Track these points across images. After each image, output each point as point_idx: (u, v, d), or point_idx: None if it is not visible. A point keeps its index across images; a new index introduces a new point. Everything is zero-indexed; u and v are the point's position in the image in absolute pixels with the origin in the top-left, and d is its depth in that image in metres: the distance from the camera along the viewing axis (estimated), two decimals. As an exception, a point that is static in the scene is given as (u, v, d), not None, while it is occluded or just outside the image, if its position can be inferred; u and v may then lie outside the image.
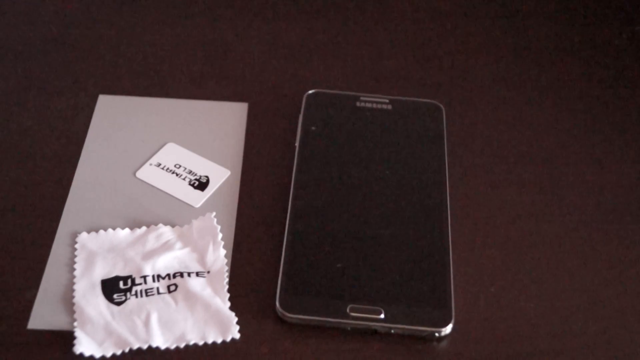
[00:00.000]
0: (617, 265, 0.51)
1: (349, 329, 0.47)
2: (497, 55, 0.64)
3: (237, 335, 0.46)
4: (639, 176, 0.56)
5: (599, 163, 0.57)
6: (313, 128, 0.56)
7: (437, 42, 0.65)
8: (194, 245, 0.50)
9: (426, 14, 0.67)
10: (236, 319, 0.47)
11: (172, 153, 0.55)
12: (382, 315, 0.47)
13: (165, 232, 0.50)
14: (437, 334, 0.47)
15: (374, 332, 0.47)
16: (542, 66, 0.63)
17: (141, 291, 0.47)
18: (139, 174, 0.54)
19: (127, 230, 0.51)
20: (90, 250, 0.49)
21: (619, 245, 0.52)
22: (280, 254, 0.49)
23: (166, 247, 0.50)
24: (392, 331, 0.47)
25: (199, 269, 0.49)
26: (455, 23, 0.67)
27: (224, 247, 0.50)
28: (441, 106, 0.58)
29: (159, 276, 0.48)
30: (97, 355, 0.45)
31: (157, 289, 0.48)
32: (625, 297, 0.49)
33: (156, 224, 0.51)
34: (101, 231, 0.50)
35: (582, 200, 0.54)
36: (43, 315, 0.47)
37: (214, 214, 0.51)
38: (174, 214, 0.52)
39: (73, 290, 0.47)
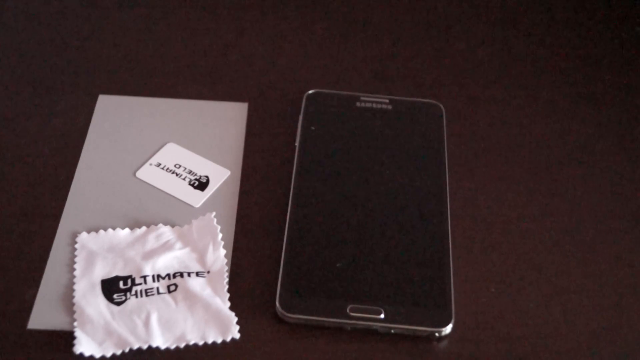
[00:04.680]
0: (617, 265, 0.51)
1: (349, 329, 0.47)
2: (497, 56, 0.64)
3: (237, 335, 0.46)
4: None
5: (600, 163, 0.57)
6: (313, 128, 0.56)
7: (437, 42, 0.65)
8: (193, 245, 0.50)
9: (426, 14, 0.67)
10: (236, 319, 0.47)
11: (172, 153, 0.55)
12: (382, 315, 0.47)
13: (165, 232, 0.50)
14: (437, 334, 0.47)
15: (374, 332, 0.47)
16: (542, 66, 0.63)
17: (141, 291, 0.47)
18: (139, 174, 0.54)
19: (127, 230, 0.51)
20: (90, 250, 0.49)
21: (619, 245, 0.52)
22: (280, 254, 0.49)
23: (166, 247, 0.50)
24: (392, 331, 0.47)
25: (199, 269, 0.49)
26: (456, 23, 0.67)
27: (224, 247, 0.50)
28: (441, 106, 0.58)
29: (158, 276, 0.48)
30: (97, 355, 0.45)
31: (157, 289, 0.48)
32: (625, 296, 0.49)
33: (156, 224, 0.51)
34: (101, 231, 0.50)
35: (582, 200, 0.54)
36: (43, 315, 0.47)
37: (214, 214, 0.51)
38: (174, 214, 0.52)
39: (73, 290, 0.47)
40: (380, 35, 0.65)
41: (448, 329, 0.47)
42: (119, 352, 0.45)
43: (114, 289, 0.48)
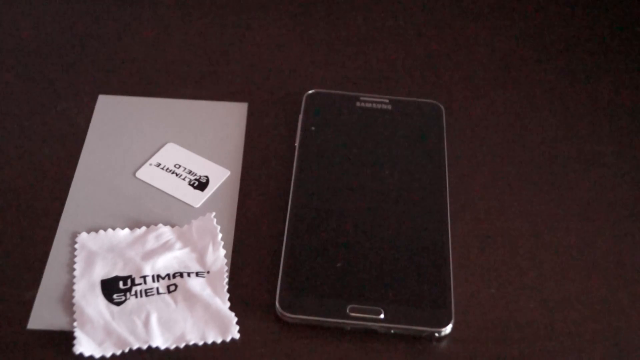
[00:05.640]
0: (617, 265, 0.51)
1: (348, 329, 0.47)
2: (497, 55, 0.64)
3: (237, 336, 0.46)
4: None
5: (600, 163, 0.57)
6: (313, 128, 0.56)
7: (437, 42, 0.65)
8: (193, 246, 0.50)
9: (426, 13, 0.67)
10: (236, 319, 0.47)
11: (171, 153, 0.55)
12: (382, 316, 0.47)
13: (165, 232, 0.50)
14: (437, 334, 0.47)
15: (374, 332, 0.47)
16: (542, 66, 0.63)
17: (141, 291, 0.47)
18: (139, 174, 0.54)
19: (126, 230, 0.51)
20: (90, 250, 0.49)
21: (619, 245, 0.52)
22: (280, 254, 0.49)
23: (166, 247, 0.50)
24: (392, 331, 0.47)
25: (198, 269, 0.49)
26: (456, 23, 0.67)
27: (224, 247, 0.50)
28: (441, 106, 0.58)
29: (158, 276, 0.48)
30: (97, 355, 0.45)
31: (157, 289, 0.48)
32: (625, 296, 0.49)
33: (156, 224, 0.51)
34: (101, 231, 0.50)
35: (583, 200, 0.54)
36: (43, 316, 0.47)
37: (214, 214, 0.51)
38: (174, 214, 0.52)
39: (73, 291, 0.47)
40: (380, 35, 0.65)
41: (448, 329, 0.47)
42: (118, 352, 0.45)
43: (114, 289, 0.48)
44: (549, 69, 0.63)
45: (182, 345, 0.46)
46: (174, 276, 0.48)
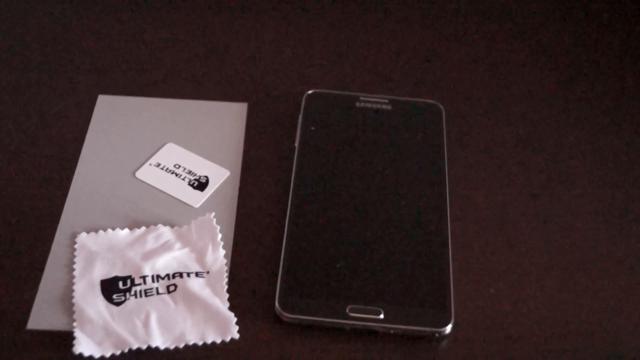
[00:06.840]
0: (617, 265, 0.51)
1: (348, 329, 0.47)
2: (497, 56, 0.64)
3: (237, 336, 0.46)
4: (640, 176, 0.56)
5: (600, 163, 0.57)
6: (313, 128, 0.56)
7: (437, 42, 0.65)
8: (193, 246, 0.50)
9: (426, 14, 0.67)
10: (235, 320, 0.47)
11: (171, 153, 0.55)
12: (382, 316, 0.47)
13: (165, 232, 0.50)
14: (437, 334, 0.47)
15: (374, 332, 0.47)
16: (542, 66, 0.63)
17: (140, 291, 0.47)
18: (139, 174, 0.54)
19: (126, 230, 0.51)
20: (90, 250, 0.49)
21: (619, 245, 0.52)
22: (280, 254, 0.49)
23: (165, 247, 0.50)
24: (392, 331, 0.47)
25: (198, 269, 0.49)
26: (456, 23, 0.67)
27: (224, 247, 0.50)
28: (441, 106, 0.58)
29: (158, 276, 0.48)
30: (97, 355, 0.45)
31: (157, 289, 0.48)
32: (625, 296, 0.49)
33: (155, 224, 0.51)
34: (101, 231, 0.50)
35: (582, 199, 0.54)
36: (42, 316, 0.47)
37: (214, 214, 0.51)
38: (174, 214, 0.52)
39: (72, 291, 0.47)
40: (380, 35, 0.65)
41: (448, 329, 0.47)
42: (118, 353, 0.45)
43: (113, 289, 0.48)
44: (549, 69, 0.63)
45: (181, 346, 0.46)
46: (174, 276, 0.48)
